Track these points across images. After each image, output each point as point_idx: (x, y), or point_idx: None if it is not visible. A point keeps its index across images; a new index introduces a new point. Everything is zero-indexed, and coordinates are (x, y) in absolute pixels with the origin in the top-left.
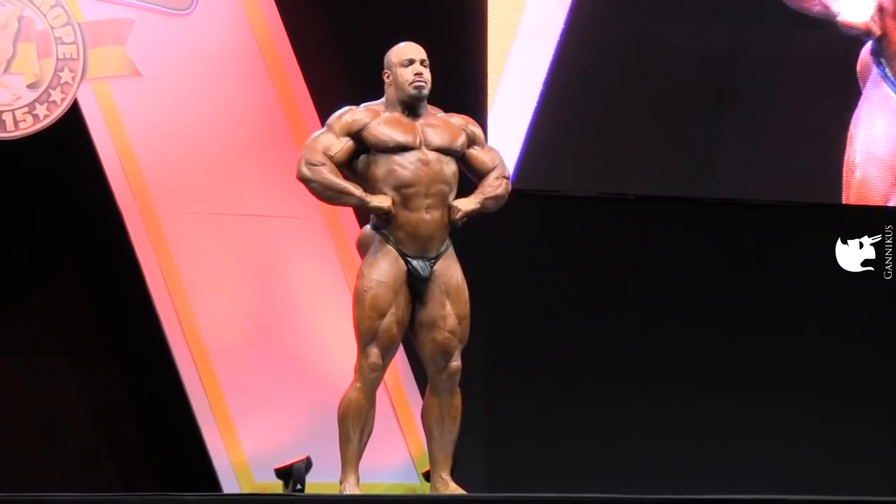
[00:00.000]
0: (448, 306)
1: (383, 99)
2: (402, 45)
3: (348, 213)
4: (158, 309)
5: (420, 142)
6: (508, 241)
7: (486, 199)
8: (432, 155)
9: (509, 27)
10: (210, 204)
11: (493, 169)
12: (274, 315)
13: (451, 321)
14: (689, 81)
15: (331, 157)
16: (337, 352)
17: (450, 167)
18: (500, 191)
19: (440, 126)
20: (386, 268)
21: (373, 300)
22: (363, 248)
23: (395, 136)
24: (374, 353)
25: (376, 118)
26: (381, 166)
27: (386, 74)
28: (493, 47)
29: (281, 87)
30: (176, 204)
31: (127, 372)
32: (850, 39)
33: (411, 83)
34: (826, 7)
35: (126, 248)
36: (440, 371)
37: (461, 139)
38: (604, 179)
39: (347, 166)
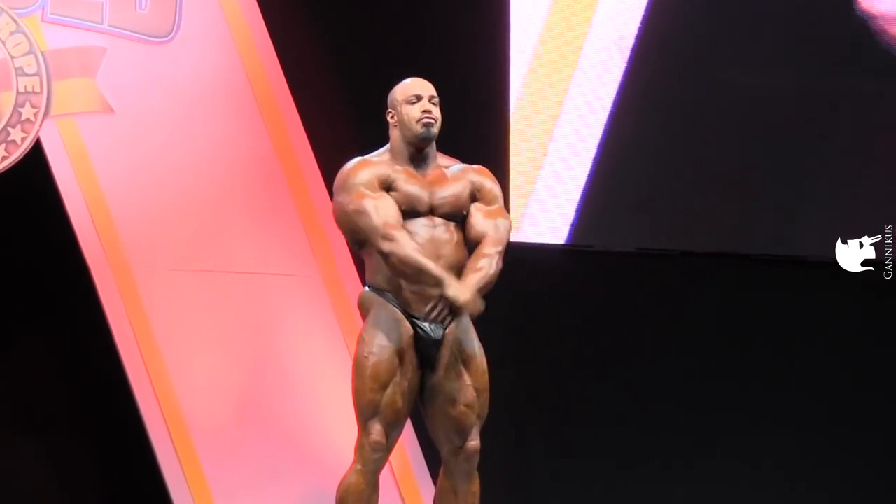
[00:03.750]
0: (465, 376)
1: (387, 146)
2: (408, 81)
3: (349, 268)
4: (131, 379)
5: (429, 207)
6: (531, 303)
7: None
8: (439, 221)
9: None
10: (192, 259)
11: (484, 237)
12: (264, 387)
13: (469, 394)
14: (752, 130)
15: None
16: (336, 428)
17: (456, 234)
18: (488, 275)
19: (448, 185)
20: (389, 332)
21: (374, 369)
22: (364, 309)
23: (411, 199)
24: (376, 429)
25: (395, 173)
26: None
27: (390, 114)
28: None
29: (274, 125)
30: (152, 259)
31: (96, 452)
32: None
33: (419, 120)
34: None
35: (95, 308)
36: (456, 452)
37: (465, 195)
38: (644, 236)
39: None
